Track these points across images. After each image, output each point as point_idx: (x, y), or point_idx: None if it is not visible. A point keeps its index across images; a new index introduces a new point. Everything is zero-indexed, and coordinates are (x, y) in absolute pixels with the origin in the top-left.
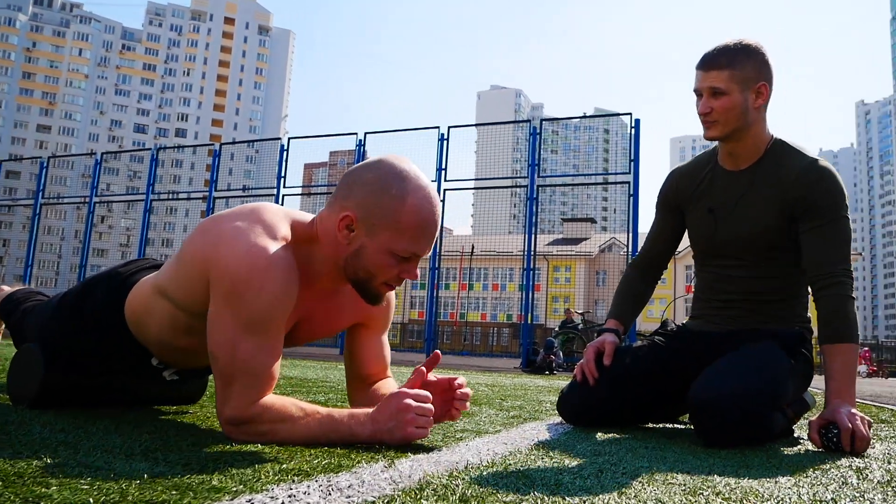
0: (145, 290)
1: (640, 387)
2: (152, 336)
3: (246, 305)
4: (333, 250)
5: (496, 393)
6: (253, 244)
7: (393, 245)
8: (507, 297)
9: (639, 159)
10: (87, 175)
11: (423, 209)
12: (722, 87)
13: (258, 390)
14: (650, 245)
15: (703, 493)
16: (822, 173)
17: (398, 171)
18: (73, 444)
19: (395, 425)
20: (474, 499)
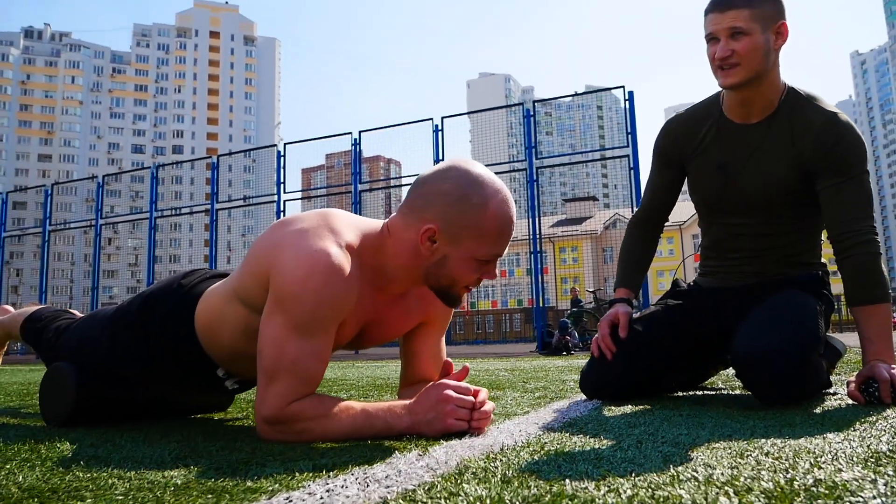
0: (216, 297)
1: (658, 353)
2: (225, 344)
3: (300, 307)
4: (411, 260)
5: (517, 377)
6: (315, 248)
7: (477, 251)
8: (516, 282)
9: (635, 132)
10: (91, 199)
11: (503, 213)
12: (743, 26)
13: (299, 392)
14: (649, 199)
15: (752, 455)
16: (842, 129)
17: (474, 178)
18: (104, 457)
19: (434, 416)
20: (517, 479)
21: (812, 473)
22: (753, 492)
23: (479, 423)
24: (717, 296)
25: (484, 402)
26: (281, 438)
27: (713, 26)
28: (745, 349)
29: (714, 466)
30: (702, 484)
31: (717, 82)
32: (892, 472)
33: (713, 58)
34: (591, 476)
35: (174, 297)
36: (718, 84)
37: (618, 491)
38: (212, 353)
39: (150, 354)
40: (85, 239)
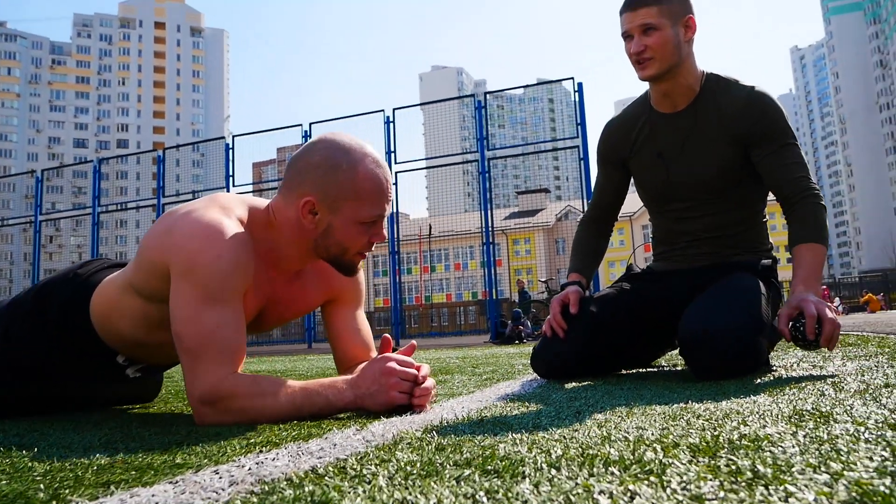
0: (112, 288)
1: (611, 332)
2: (124, 334)
3: (203, 276)
4: (298, 236)
5: (467, 363)
6: (207, 220)
7: (358, 215)
8: (470, 275)
9: (585, 122)
10: (30, 196)
11: (375, 173)
12: (653, 22)
13: (228, 364)
14: (597, 199)
15: (684, 418)
16: (764, 100)
17: (340, 146)
18: (28, 445)
19: (377, 389)
20: (451, 446)
21: (738, 430)
22: (680, 447)
23: (420, 401)
24: (669, 278)
25: (426, 378)
26: (219, 419)
27: (627, 24)
28: (689, 329)
29: (646, 428)
30: (632, 443)
31: (637, 76)
32: (812, 426)
33: (630, 53)
34: (525, 441)
35: (70, 286)
36: (638, 77)
37: (549, 452)
38: (109, 340)
39: (48, 343)
40: (24, 237)
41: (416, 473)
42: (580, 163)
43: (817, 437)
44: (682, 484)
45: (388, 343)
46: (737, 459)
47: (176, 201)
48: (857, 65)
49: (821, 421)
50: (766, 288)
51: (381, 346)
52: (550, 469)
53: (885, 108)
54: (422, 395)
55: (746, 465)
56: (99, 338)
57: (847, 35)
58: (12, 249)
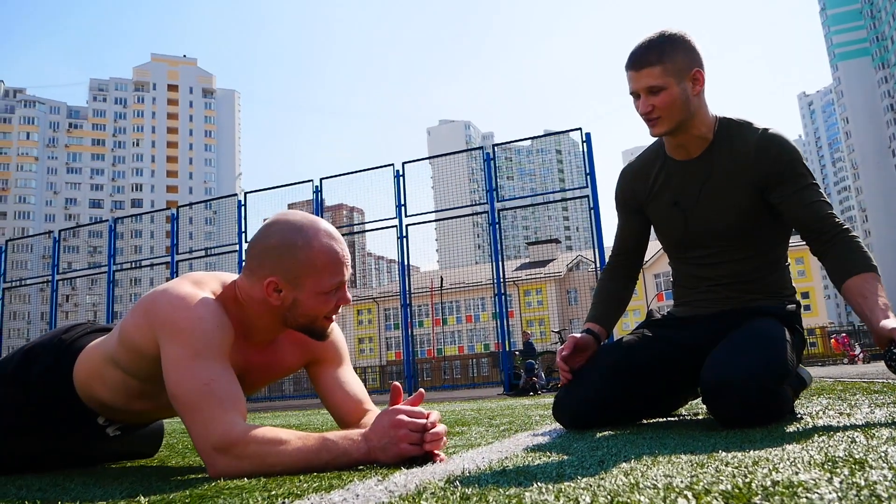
0: (94, 357)
1: (633, 379)
2: (104, 400)
3: (190, 336)
4: (266, 311)
5: (483, 414)
6: (184, 292)
7: (320, 286)
8: (482, 326)
9: (594, 172)
10: (47, 256)
11: (329, 245)
12: (658, 83)
13: (232, 411)
14: (619, 245)
15: (712, 465)
16: (777, 141)
17: (293, 225)
18: (52, 499)
19: (388, 442)
20: (475, 496)
21: (770, 476)
22: (712, 493)
23: (431, 446)
24: (691, 324)
25: (435, 424)
26: (234, 465)
27: (633, 84)
28: (712, 377)
29: (674, 476)
30: (661, 490)
31: (649, 132)
32: (847, 473)
33: (639, 113)
34: (551, 490)
35: (55, 351)
36: (650, 134)
37: (577, 500)
38: (91, 404)
39: (30, 404)
40: (41, 296)
41: None
42: (590, 212)
43: (854, 484)
44: None
45: (399, 392)
46: None
47: (189, 258)
48: (867, 109)
49: (856, 467)
50: (790, 334)
51: (392, 396)
52: None
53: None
54: (432, 441)
55: None
56: (80, 400)
57: (855, 80)
58: (30, 309)
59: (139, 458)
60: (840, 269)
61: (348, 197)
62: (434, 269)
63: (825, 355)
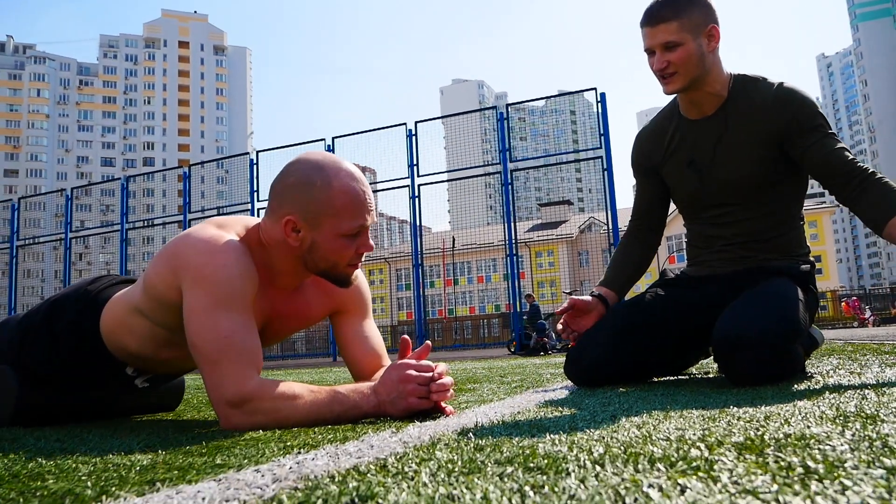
0: (120, 308)
1: (646, 337)
2: (132, 349)
3: (213, 284)
4: (286, 254)
5: (494, 373)
6: (209, 236)
7: (338, 228)
8: (493, 287)
9: (608, 133)
10: (60, 214)
11: (350, 186)
12: (674, 38)
13: (248, 366)
14: (638, 209)
15: (724, 419)
16: (795, 94)
17: (314, 164)
18: (71, 448)
19: (397, 396)
20: (489, 447)
21: (782, 430)
22: (724, 445)
23: (438, 396)
24: (704, 284)
25: (442, 375)
26: (247, 420)
27: (649, 41)
28: (723, 334)
29: (686, 429)
30: (674, 442)
31: (662, 90)
32: (859, 427)
33: (653, 69)
34: (564, 441)
35: (81, 302)
36: (663, 91)
37: (590, 451)
38: (118, 354)
39: (59, 355)
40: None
41: (458, 471)
42: (604, 174)
43: (866, 436)
44: (733, 479)
45: (408, 345)
46: (785, 456)
47: (201, 217)
48: (886, 71)
49: (868, 421)
50: (803, 294)
51: (400, 349)
52: (595, 466)
53: None
54: (438, 392)
55: (796, 462)
56: (108, 351)
57: (875, 42)
58: (43, 267)
59: (161, 412)
60: (879, 212)
61: (360, 156)
62: (446, 230)
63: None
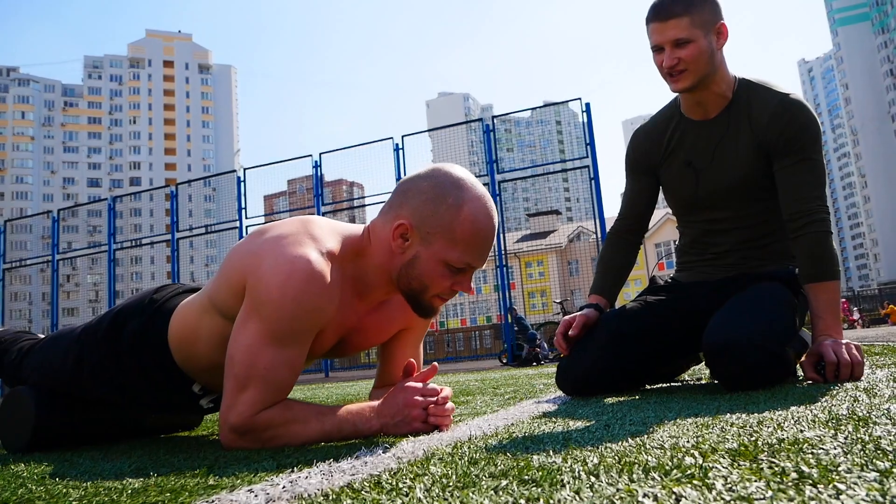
0: (191, 310)
1: (637, 345)
2: (202, 357)
3: (277, 315)
4: (387, 259)
5: (487, 384)
6: (295, 255)
7: (447, 255)
8: (484, 299)
9: (594, 142)
10: (47, 236)
11: (478, 219)
12: (685, 35)
13: (269, 401)
14: (627, 209)
15: (717, 426)
16: (795, 108)
17: (455, 179)
18: (61, 473)
19: (401, 420)
20: (483, 460)
21: (775, 434)
22: (718, 451)
23: (436, 420)
24: (695, 290)
25: (446, 399)
26: (247, 446)
27: (657, 36)
28: (714, 340)
29: (680, 437)
30: (668, 450)
31: (669, 88)
32: (851, 429)
33: (661, 66)
34: (559, 453)
35: (146, 312)
36: (670, 89)
37: (584, 461)
38: (187, 368)
39: (121, 373)
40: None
41: (453, 486)
42: (591, 183)
43: (859, 439)
44: (728, 486)
45: (413, 367)
46: (779, 462)
47: (189, 236)
48: (866, 75)
49: (860, 424)
50: (794, 297)
51: (405, 371)
52: (589, 477)
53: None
54: (437, 414)
55: (790, 467)
56: (175, 365)
57: (855, 46)
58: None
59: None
60: (803, 270)
61: (348, 171)
62: None
63: None
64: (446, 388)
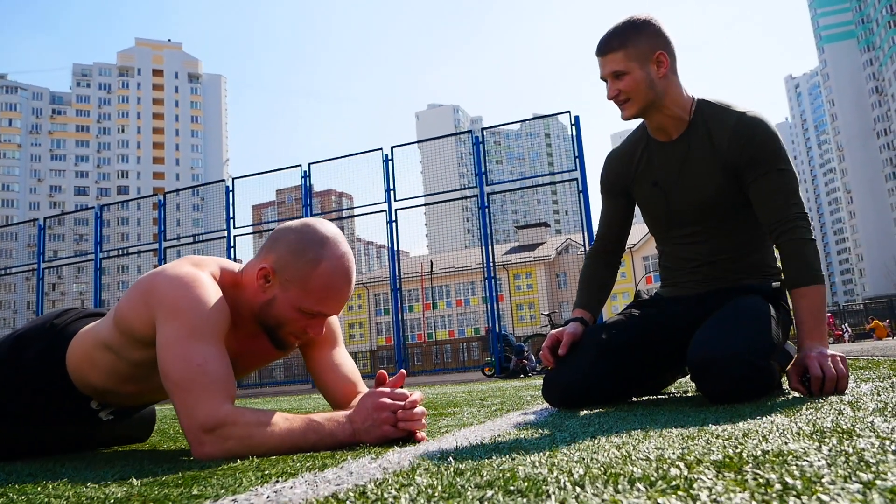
0: (87, 342)
1: (622, 359)
2: (96, 384)
3: (189, 313)
4: (252, 296)
5: (474, 396)
6: (184, 272)
7: (301, 303)
8: (472, 311)
9: (583, 155)
10: (33, 244)
11: (333, 277)
12: (620, 68)
13: (221, 395)
14: (604, 231)
15: (703, 438)
16: (753, 125)
17: (319, 237)
18: (42, 481)
19: (371, 424)
20: (469, 470)
21: (760, 447)
22: (704, 463)
23: (406, 425)
24: (678, 304)
25: (415, 404)
26: (221, 448)
27: (601, 69)
28: (699, 355)
29: (666, 448)
30: (653, 461)
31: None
32: (835, 441)
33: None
34: (545, 463)
35: (47, 335)
36: (621, 117)
37: (570, 472)
38: (84, 388)
39: (24, 389)
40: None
41: (438, 496)
42: (579, 195)
43: (843, 451)
44: (712, 497)
45: (384, 378)
46: (763, 473)
47: (177, 245)
48: (852, 92)
49: (844, 436)
50: (775, 311)
51: (377, 382)
52: (575, 487)
53: (882, 135)
54: (406, 419)
55: (774, 478)
56: (73, 385)
57: (841, 63)
58: (16, 298)
59: (132, 443)
60: (786, 277)
61: (337, 182)
62: (424, 254)
63: None
64: (416, 393)
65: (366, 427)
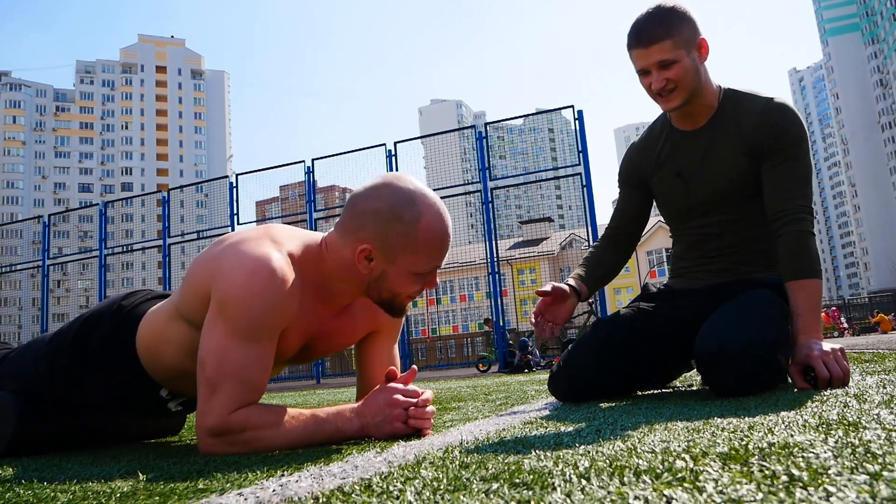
0: (158, 317)
1: (629, 351)
2: (169, 363)
3: (242, 312)
4: (351, 276)
5: (479, 390)
6: (257, 254)
7: (414, 267)
8: (476, 306)
9: (587, 150)
10: (37, 241)
11: (436, 228)
12: (670, 56)
13: (244, 400)
14: (618, 219)
15: (708, 431)
16: (781, 110)
17: (406, 195)
18: (49, 478)
19: (382, 420)
20: (475, 464)
21: (766, 439)
22: (709, 455)
23: (416, 423)
24: (687, 297)
25: (427, 402)
26: (227, 451)
27: (642, 61)
28: (705, 347)
29: (671, 441)
30: (659, 454)
31: (660, 107)
32: (841, 434)
33: (650, 89)
34: (550, 457)
35: (115, 318)
36: (662, 109)
37: (575, 465)
38: (154, 373)
39: (90, 376)
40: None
41: (444, 489)
42: (583, 190)
43: (849, 443)
44: (718, 488)
45: (395, 373)
46: (769, 465)
47: (181, 242)
48: (856, 85)
49: (850, 429)
50: (785, 305)
51: (387, 377)
52: (580, 480)
53: (886, 128)
54: (417, 417)
55: (780, 470)
56: (143, 370)
57: (845, 56)
58: (20, 295)
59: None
60: (784, 269)
61: (340, 178)
62: None
63: None
64: (428, 391)
65: (376, 422)
